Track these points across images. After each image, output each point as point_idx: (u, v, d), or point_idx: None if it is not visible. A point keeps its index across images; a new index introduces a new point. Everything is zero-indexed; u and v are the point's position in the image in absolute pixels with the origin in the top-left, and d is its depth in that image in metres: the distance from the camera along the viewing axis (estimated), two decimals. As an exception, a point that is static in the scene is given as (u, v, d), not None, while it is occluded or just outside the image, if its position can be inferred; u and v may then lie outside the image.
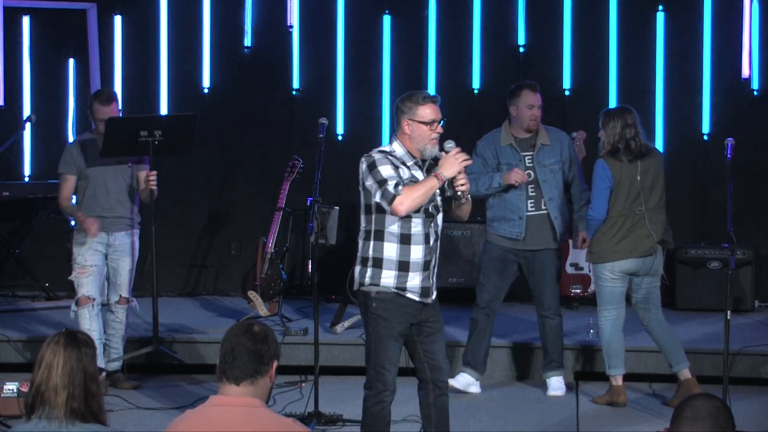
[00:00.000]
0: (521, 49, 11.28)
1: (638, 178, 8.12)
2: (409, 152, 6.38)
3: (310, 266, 9.99)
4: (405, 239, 6.35)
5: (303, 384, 8.64)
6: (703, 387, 8.05)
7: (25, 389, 7.43)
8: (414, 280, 6.38)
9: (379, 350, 6.42)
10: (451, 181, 6.34)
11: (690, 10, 11.11)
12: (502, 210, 8.55)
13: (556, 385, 8.59)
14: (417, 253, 6.37)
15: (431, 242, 6.43)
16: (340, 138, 11.34)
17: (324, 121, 8.13)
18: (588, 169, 8.45)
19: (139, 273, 8.68)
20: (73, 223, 8.36)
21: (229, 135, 11.53)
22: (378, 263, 6.36)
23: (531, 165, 8.51)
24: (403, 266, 6.36)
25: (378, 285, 6.36)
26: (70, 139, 11.16)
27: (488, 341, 8.69)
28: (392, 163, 6.32)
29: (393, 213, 6.25)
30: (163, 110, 11.39)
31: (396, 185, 6.23)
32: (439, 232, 6.50)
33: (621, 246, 8.12)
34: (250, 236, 11.07)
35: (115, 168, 8.59)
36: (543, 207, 8.50)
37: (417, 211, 6.32)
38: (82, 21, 11.18)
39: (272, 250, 9.94)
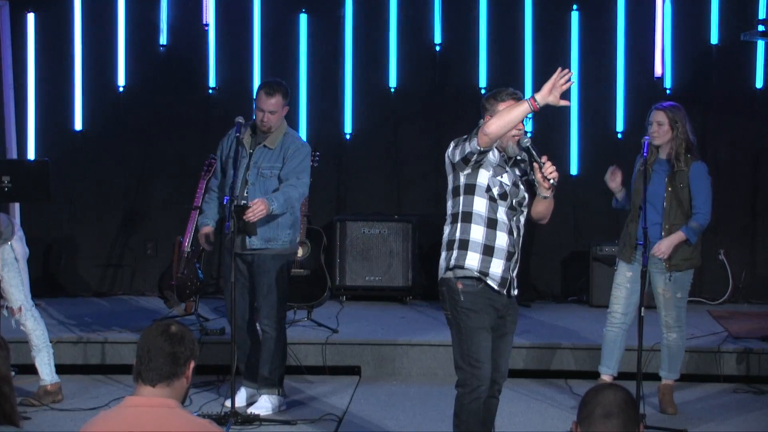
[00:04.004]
0: (437, 48, 11.33)
1: None
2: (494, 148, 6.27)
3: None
4: (491, 223, 6.20)
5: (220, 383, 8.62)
6: (620, 383, 8.10)
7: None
8: (496, 267, 6.22)
9: (472, 344, 6.19)
10: (540, 169, 6.20)
11: (603, 10, 11.23)
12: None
13: (260, 403, 8.02)
14: (502, 240, 6.23)
15: (515, 235, 6.30)
16: (256, 136, 11.29)
17: (240, 119, 8.07)
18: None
19: (51, 273, 8.40)
20: None
21: (144, 134, 11.45)
22: (464, 245, 6.20)
23: (250, 165, 8.04)
24: (488, 251, 6.20)
25: (462, 267, 6.19)
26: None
27: (257, 355, 8.13)
28: None
29: (481, 140, 5.96)
30: (78, 109, 11.30)
31: None
32: (522, 229, 6.35)
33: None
34: (167, 235, 11.01)
35: None
36: None
37: (503, 199, 6.22)
38: (-6, 19, 11.05)
39: (189, 250, 9.88)
